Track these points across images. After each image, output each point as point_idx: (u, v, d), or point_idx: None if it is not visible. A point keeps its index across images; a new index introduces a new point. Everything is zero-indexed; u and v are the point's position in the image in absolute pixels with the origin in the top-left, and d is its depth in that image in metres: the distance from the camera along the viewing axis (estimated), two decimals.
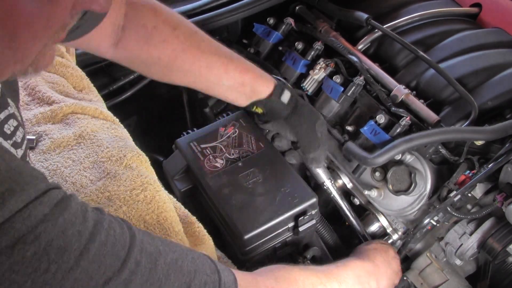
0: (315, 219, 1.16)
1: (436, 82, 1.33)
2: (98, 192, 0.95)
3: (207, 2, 1.55)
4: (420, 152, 1.27)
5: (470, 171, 1.21)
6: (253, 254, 1.11)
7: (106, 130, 1.11)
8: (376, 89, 1.34)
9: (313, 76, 1.47)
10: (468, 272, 1.34)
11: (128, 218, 0.91)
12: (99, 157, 1.02)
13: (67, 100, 1.13)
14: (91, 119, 1.13)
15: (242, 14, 1.57)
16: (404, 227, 1.34)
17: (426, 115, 1.26)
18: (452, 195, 1.19)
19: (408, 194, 1.25)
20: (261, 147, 1.21)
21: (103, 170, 1.00)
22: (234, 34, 1.81)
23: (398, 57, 1.45)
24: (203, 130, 1.27)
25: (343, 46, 1.45)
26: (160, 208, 0.94)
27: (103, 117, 1.16)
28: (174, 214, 0.96)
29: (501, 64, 1.34)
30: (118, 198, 0.94)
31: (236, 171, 1.16)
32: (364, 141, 1.32)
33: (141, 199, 0.95)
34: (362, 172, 1.36)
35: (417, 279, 1.37)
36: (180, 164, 1.22)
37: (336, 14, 1.57)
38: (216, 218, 1.16)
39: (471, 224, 1.25)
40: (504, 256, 1.22)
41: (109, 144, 1.06)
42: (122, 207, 0.92)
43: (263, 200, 1.10)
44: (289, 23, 1.63)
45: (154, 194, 0.97)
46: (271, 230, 1.09)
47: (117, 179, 0.98)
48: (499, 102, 1.28)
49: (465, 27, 1.50)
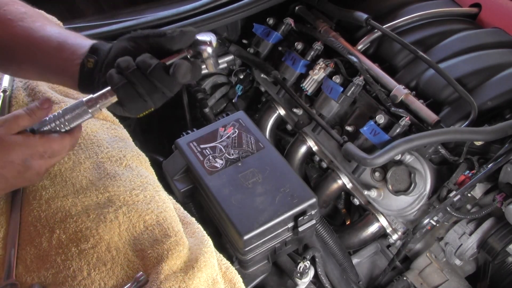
0: (315, 219, 1.16)
1: (436, 82, 1.33)
2: (98, 192, 0.95)
3: (207, 2, 1.55)
4: (419, 152, 1.27)
5: (470, 171, 1.22)
6: (253, 254, 1.11)
7: (106, 130, 1.11)
8: (375, 89, 1.34)
9: (312, 76, 1.47)
10: (468, 272, 1.35)
11: (128, 218, 0.91)
12: (99, 157, 1.02)
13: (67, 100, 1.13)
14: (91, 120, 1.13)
15: (242, 14, 1.57)
16: (404, 227, 1.34)
17: (425, 115, 1.27)
18: (452, 195, 1.19)
19: (407, 194, 1.25)
20: (260, 147, 1.21)
21: (103, 170, 1.00)
22: (234, 34, 1.81)
23: (397, 57, 1.45)
24: (203, 130, 1.27)
25: (342, 46, 1.45)
26: (160, 208, 0.94)
27: (103, 117, 1.16)
28: (174, 214, 0.96)
29: (500, 64, 1.34)
30: (118, 198, 0.94)
31: (235, 171, 1.16)
32: (363, 142, 1.32)
33: (141, 199, 0.95)
34: (361, 172, 1.36)
35: (417, 279, 1.37)
36: (180, 164, 1.22)
37: (335, 14, 1.57)
38: (216, 218, 1.16)
39: (471, 224, 1.25)
40: (503, 256, 1.22)
41: (109, 144, 1.06)
42: (122, 207, 0.92)
43: (262, 200, 1.11)
44: (289, 23, 1.63)
45: (153, 194, 0.97)
46: (270, 230, 1.09)
47: (117, 179, 0.98)
48: (498, 102, 1.28)
49: (464, 27, 1.50)
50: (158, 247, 0.86)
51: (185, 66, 0.79)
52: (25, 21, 0.93)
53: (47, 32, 0.91)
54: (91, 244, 0.86)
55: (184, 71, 0.79)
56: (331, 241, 1.33)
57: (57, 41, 0.90)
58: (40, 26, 0.93)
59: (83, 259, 0.84)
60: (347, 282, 1.32)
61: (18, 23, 0.92)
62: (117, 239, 0.88)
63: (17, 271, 0.85)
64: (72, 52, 0.88)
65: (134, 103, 0.82)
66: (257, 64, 1.63)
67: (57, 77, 0.92)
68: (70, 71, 0.88)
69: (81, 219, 0.90)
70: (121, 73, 0.81)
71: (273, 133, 1.73)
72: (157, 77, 0.79)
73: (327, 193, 1.49)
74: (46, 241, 0.87)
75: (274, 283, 1.24)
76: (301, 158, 1.59)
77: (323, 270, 1.23)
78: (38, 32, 0.91)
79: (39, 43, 0.90)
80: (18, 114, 0.83)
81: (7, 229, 0.90)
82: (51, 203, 0.92)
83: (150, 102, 0.82)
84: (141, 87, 0.80)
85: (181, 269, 0.84)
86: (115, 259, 0.85)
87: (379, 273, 1.45)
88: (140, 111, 0.85)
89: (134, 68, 0.80)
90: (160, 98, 0.83)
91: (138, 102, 0.82)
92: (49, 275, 0.84)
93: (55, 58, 0.89)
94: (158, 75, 0.79)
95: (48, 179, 0.97)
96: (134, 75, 0.80)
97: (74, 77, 0.88)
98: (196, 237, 0.95)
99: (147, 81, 0.80)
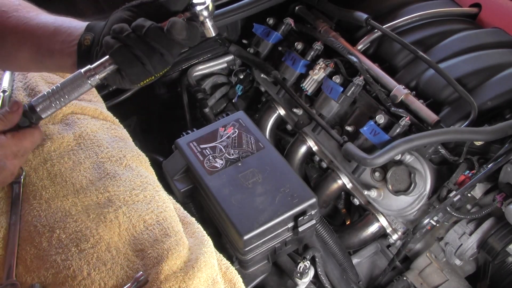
0: (315, 219, 1.16)
1: (436, 82, 1.33)
2: (98, 192, 0.95)
3: None
4: (419, 152, 1.27)
5: (470, 171, 1.22)
6: (253, 254, 1.11)
7: (106, 130, 1.11)
8: (375, 89, 1.34)
9: (312, 76, 1.47)
10: (468, 272, 1.35)
11: (128, 218, 0.91)
12: (99, 157, 1.02)
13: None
14: (91, 120, 1.13)
15: (242, 14, 1.57)
16: (404, 227, 1.34)
17: (425, 115, 1.27)
18: (452, 195, 1.19)
19: (407, 194, 1.25)
20: (260, 147, 1.21)
21: (103, 170, 1.00)
22: (234, 34, 1.81)
23: (397, 57, 1.45)
24: (202, 130, 1.27)
25: (342, 46, 1.45)
26: (159, 208, 0.94)
27: (103, 117, 1.16)
28: (174, 214, 0.96)
29: (500, 64, 1.34)
30: (118, 198, 0.94)
31: (235, 171, 1.16)
32: (363, 142, 1.32)
33: (140, 199, 0.95)
34: (362, 172, 1.36)
35: (417, 279, 1.37)
36: (180, 164, 1.22)
37: (335, 14, 1.57)
38: (216, 218, 1.16)
39: (471, 224, 1.25)
40: (503, 256, 1.22)
41: (109, 144, 1.06)
42: (122, 207, 0.92)
43: (262, 200, 1.10)
44: (289, 23, 1.63)
45: (153, 194, 0.97)
46: (270, 230, 1.09)
47: (117, 179, 0.98)
48: (498, 102, 1.28)
49: (464, 27, 1.50)
50: (158, 247, 0.86)
51: (180, 22, 0.78)
52: (20, 11, 0.93)
53: (42, 20, 0.91)
54: (91, 244, 0.86)
55: (179, 27, 0.78)
56: (331, 241, 1.33)
57: (53, 26, 0.90)
58: (35, 15, 0.93)
59: (83, 259, 0.84)
60: (347, 282, 1.32)
61: (13, 13, 0.93)
62: (117, 239, 0.88)
63: (17, 271, 0.85)
64: (69, 34, 0.88)
65: (133, 68, 0.80)
66: (257, 64, 1.63)
67: (54, 61, 0.91)
68: (68, 52, 0.87)
69: (81, 219, 0.90)
70: (116, 38, 0.80)
71: (273, 133, 1.73)
72: (152, 36, 0.78)
73: (327, 193, 1.49)
74: (46, 241, 0.87)
75: (274, 283, 1.24)
76: (301, 158, 1.59)
77: (323, 270, 1.23)
78: (33, 20, 0.91)
79: (35, 30, 0.90)
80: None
81: (7, 229, 0.90)
82: (51, 203, 0.92)
83: (149, 65, 0.80)
84: (137, 49, 0.79)
85: (181, 269, 0.84)
86: (115, 259, 0.85)
87: (379, 273, 1.45)
88: (141, 78, 0.83)
89: (129, 31, 0.79)
90: (159, 61, 0.81)
91: (137, 65, 0.80)
92: (49, 275, 0.84)
93: (52, 42, 0.89)
94: (153, 34, 0.78)
95: (48, 179, 0.97)
96: (129, 38, 0.79)
97: (72, 58, 0.87)
98: (196, 237, 0.95)
99: (143, 42, 0.79)
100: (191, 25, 0.81)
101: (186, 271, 0.83)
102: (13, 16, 0.92)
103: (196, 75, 1.83)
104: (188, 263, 0.85)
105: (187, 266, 0.85)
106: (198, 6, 0.82)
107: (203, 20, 0.82)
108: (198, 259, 0.86)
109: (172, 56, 0.82)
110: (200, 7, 0.81)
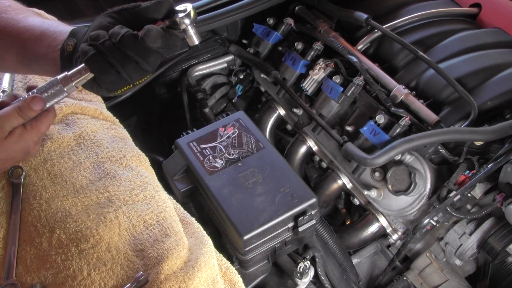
0: (315, 219, 1.16)
1: (436, 82, 1.33)
2: (98, 192, 0.95)
3: (207, 2, 1.55)
4: (419, 152, 1.27)
5: (470, 171, 1.22)
6: (253, 254, 1.11)
7: (106, 130, 1.11)
8: (375, 89, 1.34)
9: (312, 76, 1.47)
10: (468, 272, 1.35)
11: (128, 218, 0.91)
12: (99, 157, 1.02)
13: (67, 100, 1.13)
14: (91, 120, 1.13)
15: (242, 14, 1.57)
16: (404, 227, 1.34)
17: (425, 115, 1.27)
18: (452, 195, 1.19)
19: (407, 194, 1.25)
20: (260, 147, 1.21)
21: (103, 170, 1.00)
22: (234, 34, 1.81)
23: (397, 57, 1.45)
24: (203, 130, 1.27)
25: (342, 46, 1.45)
26: (159, 208, 0.94)
27: (103, 117, 1.16)
28: (174, 214, 0.96)
29: (500, 64, 1.34)
30: (118, 198, 0.94)
31: (235, 171, 1.16)
32: (363, 142, 1.32)
33: (140, 199, 0.95)
34: (362, 172, 1.36)
35: (417, 279, 1.37)
36: (180, 164, 1.22)
37: (335, 14, 1.57)
38: (216, 219, 1.16)
39: (471, 224, 1.25)
40: (503, 256, 1.22)
41: (109, 144, 1.06)
42: (122, 207, 0.92)
43: (262, 200, 1.11)
44: (289, 23, 1.63)
45: (153, 194, 0.97)
46: (270, 230, 1.09)
47: (117, 179, 0.98)
48: (498, 102, 1.28)
49: (465, 27, 1.50)
50: (158, 247, 0.86)
51: (155, 30, 0.77)
52: (9, 13, 0.93)
53: (30, 22, 0.91)
54: (91, 244, 0.86)
55: (153, 34, 0.76)
56: (331, 241, 1.33)
57: (39, 30, 0.89)
58: (24, 17, 0.93)
59: (83, 259, 0.84)
60: (347, 282, 1.32)
61: (2, 15, 0.93)
62: (117, 239, 0.88)
63: (17, 271, 0.85)
64: (54, 39, 0.88)
65: (107, 75, 0.80)
66: (257, 64, 1.63)
67: (40, 65, 0.91)
68: (52, 57, 0.87)
69: (81, 219, 0.90)
70: (92, 45, 0.79)
71: (273, 133, 1.73)
72: (126, 44, 0.77)
73: (327, 193, 1.49)
74: (46, 241, 0.87)
75: (274, 283, 1.24)
76: (301, 158, 1.59)
77: (323, 270, 1.23)
78: (21, 22, 0.91)
79: (22, 32, 0.90)
80: (9, 114, 0.82)
81: (7, 229, 0.90)
82: (51, 203, 0.92)
83: (124, 74, 0.79)
84: (111, 57, 0.78)
85: (181, 269, 0.84)
86: (115, 259, 0.85)
87: (379, 273, 1.45)
88: (117, 86, 0.82)
89: (105, 39, 0.78)
90: (134, 69, 0.80)
91: (111, 73, 0.79)
92: (49, 275, 0.84)
93: (37, 46, 0.88)
94: (127, 42, 0.77)
95: (48, 179, 0.97)
96: (104, 45, 0.78)
97: (56, 63, 0.87)
98: (196, 237, 0.95)
99: (117, 50, 0.78)
100: (168, 33, 0.79)
101: (186, 271, 0.83)
102: (2, 18, 0.92)
103: (196, 75, 1.84)
104: (188, 263, 0.85)
105: (187, 266, 0.85)
106: (179, 13, 0.80)
107: (185, 28, 0.81)
108: (198, 259, 0.86)
109: (148, 64, 0.80)
110: (181, 14, 0.80)
